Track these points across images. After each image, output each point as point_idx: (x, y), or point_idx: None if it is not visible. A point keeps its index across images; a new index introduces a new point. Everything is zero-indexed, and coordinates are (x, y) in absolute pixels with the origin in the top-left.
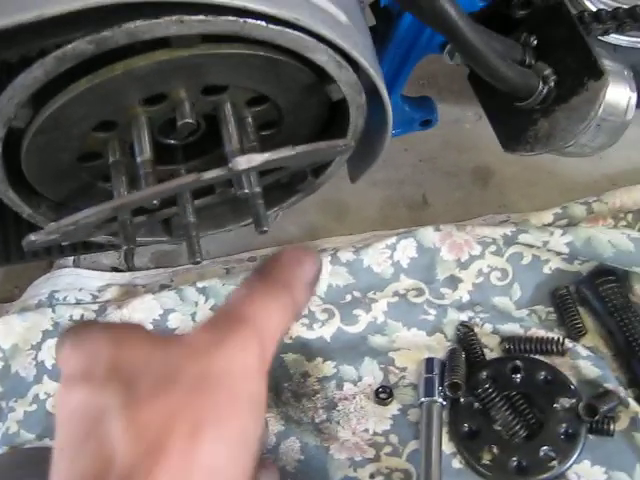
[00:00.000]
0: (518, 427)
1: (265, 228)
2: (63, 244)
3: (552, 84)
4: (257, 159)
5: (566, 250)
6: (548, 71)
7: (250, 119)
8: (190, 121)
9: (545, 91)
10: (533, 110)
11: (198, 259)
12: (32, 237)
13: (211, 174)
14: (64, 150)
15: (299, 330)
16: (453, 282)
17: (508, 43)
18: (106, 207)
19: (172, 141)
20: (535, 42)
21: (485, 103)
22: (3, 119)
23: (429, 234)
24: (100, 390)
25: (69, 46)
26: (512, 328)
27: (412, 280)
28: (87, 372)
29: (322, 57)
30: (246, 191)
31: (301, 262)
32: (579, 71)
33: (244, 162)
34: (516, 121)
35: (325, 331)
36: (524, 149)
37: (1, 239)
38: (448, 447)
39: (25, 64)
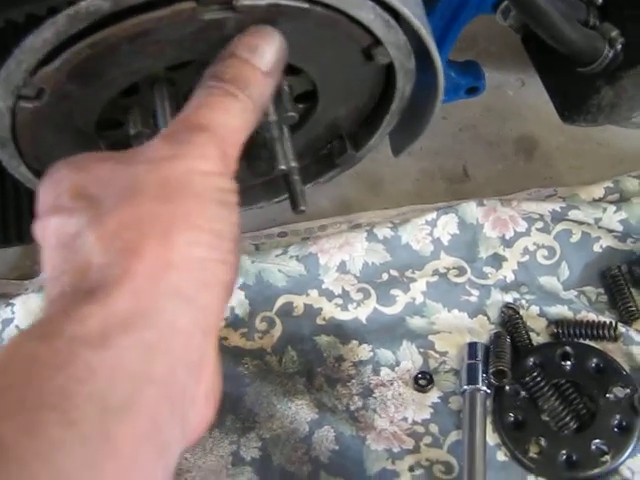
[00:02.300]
0: (568, 418)
1: (302, 207)
2: None
3: (619, 47)
4: None
5: (619, 228)
6: (615, 33)
7: (286, 87)
8: None
9: (611, 55)
10: (596, 76)
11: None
12: None
13: (210, 14)
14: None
15: (333, 311)
16: (497, 261)
17: (571, 1)
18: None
19: None
20: (600, 0)
21: (541, 69)
22: (11, 87)
23: (472, 209)
24: (68, 216)
25: (82, 2)
26: (560, 310)
27: (453, 258)
28: (55, 204)
29: (368, 15)
30: (282, 167)
31: (257, 50)
32: None
33: None
34: (577, 89)
35: (360, 312)
36: (585, 120)
37: (1, 221)
38: (492, 438)
39: (33, 24)
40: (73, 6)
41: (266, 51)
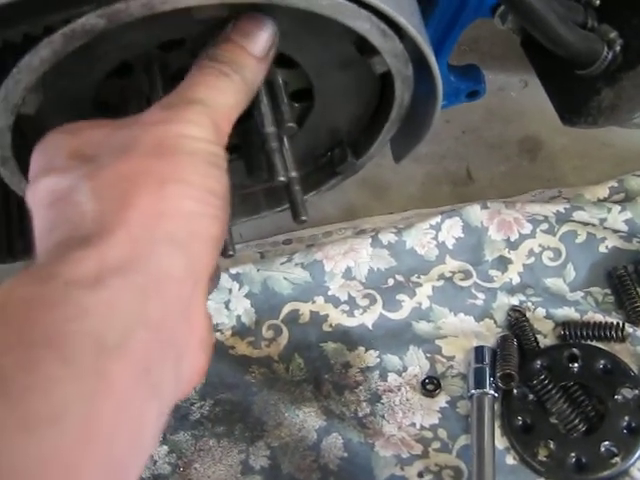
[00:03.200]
0: (576, 420)
1: (303, 217)
2: None
3: (618, 49)
4: None
5: (625, 228)
6: (613, 34)
7: (280, 81)
8: None
9: (610, 57)
10: (596, 78)
11: (231, 252)
12: None
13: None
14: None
15: (339, 317)
16: (502, 263)
17: (568, 3)
18: None
19: None
20: (598, 2)
21: (541, 72)
22: (10, 106)
23: (476, 212)
24: (63, 174)
25: (78, 21)
26: (567, 312)
27: (458, 262)
28: (48, 165)
29: (364, 25)
30: (281, 178)
31: (251, 36)
32: None
33: None
34: (577, 91)
35: (366, 318)
36: (585, 122)
37: (5, 235)
38: (501, 442)
39: (30, 44)
40: (69, 25)
41: (259, 37)
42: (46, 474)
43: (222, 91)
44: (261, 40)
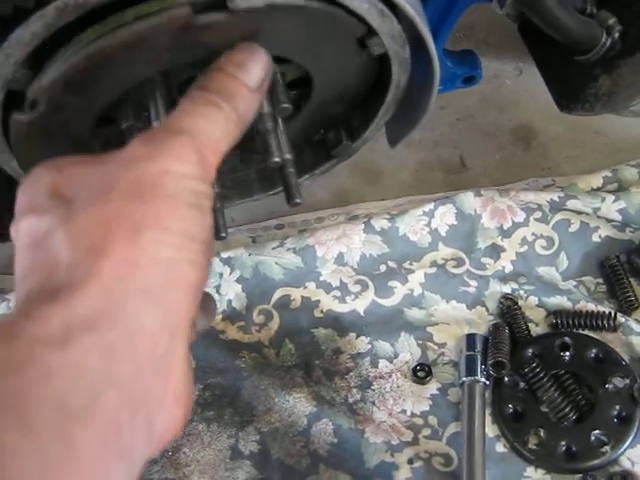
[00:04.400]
0: (567, 409)
1: (298, 200)
2: None
3: (616, 35)
4: None
5: (618, 217)
6: (612, 20)
7: (278, 75)
8: None
9: (608, 43)
10: (594, 65)
11: (223, 234)
12: None
13: (207, 17)
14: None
15: (330, 303)
16: (495, 251)
17: None
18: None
19: None
20: None
21: (538, 58)
22: (0, 81)
23: (469, 199)
24: (41, 215)
25: None
26: (559, 301)
27: (451, 249)
28: (31, 204)
29: (362, 4)
30: (276, 159)
31: (244, 66)
32: None
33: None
34: (574, 78)
35: (358, 304)
36: (582, 109)
37: None
38: (491, 430)
39: (22, 17)
40: None
41: (253, 68)
42: None
43: (210, 120)
44: (254, 70)
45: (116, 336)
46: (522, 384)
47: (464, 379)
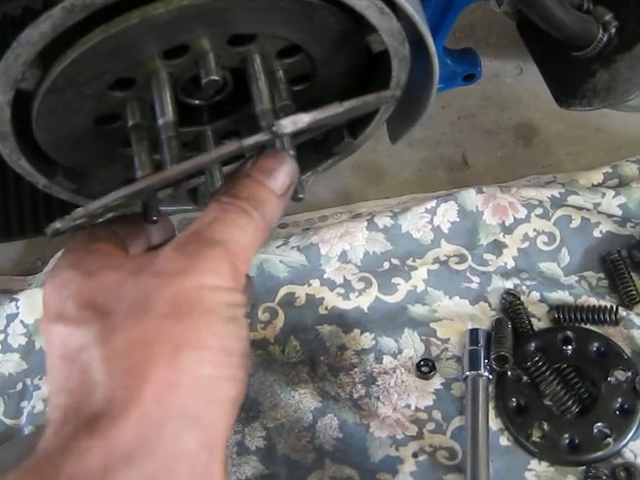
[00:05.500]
0: (570, 402)
1: (301, 195)
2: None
3: (613, 31)
4: (304, 120)
5: (619, 212)
6: (609, 16)
7: (281, 73)
8: (216, 78)
9: (605, 39)
10: (591, 60)
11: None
12: (57, 224)
13: (253, 139)
14: (79, 112)
15: (335, 300)
16: (497, 247)
17: None
18: (140, 186)
19: (197, 101)
20: None
21: (536, 54)
22: (10, 80)
23: (471, 197)
24: (75, 327)
25: None
26: (561, 296)
27: (453, 246)
28: (62, 311)
29: (361, 2)
30: None
31: (272, 173)
32: None
33: (290, 124)
34: (572, 73)
35: (362, 301)
36: (581, 104)
37: (2, 214)
38: (495, 423)
39: (30, 17)
40: None
41: (280, 174)
42: None
43: (242, 230)
44: (281, 177)
45: (156, 465)
46: (525, 378)
47: (467, 373)
